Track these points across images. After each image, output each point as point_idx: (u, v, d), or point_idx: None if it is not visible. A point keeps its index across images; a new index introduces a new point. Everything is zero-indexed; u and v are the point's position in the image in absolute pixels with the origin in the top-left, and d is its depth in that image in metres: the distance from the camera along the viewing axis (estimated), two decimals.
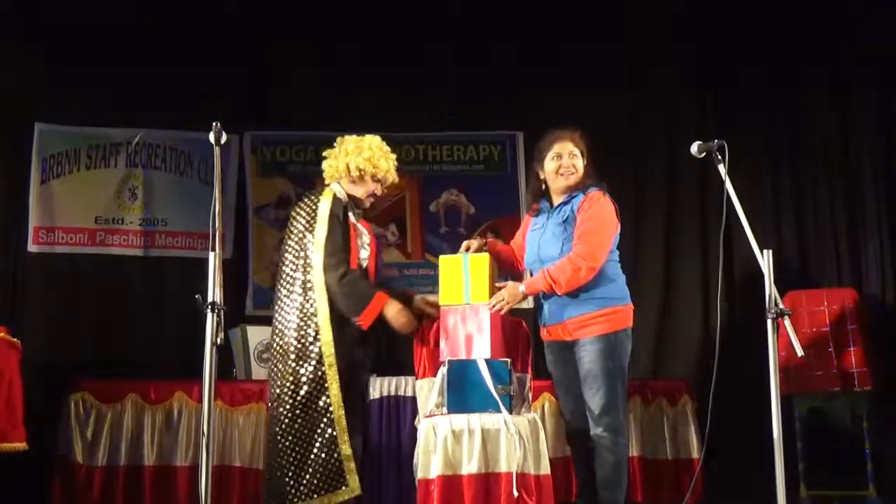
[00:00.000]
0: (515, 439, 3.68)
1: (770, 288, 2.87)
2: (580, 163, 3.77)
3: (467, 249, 3.91)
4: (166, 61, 5.64)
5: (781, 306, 2.85)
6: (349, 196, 3.81)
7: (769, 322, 2.85)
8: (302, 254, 3.65)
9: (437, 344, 3.94)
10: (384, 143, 3.86)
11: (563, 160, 3.75)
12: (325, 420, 3.51)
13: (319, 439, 3.50)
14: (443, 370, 3.89)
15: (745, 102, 5.91)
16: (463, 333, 3.86)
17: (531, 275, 3.83)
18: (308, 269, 3.61)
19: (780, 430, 2.82)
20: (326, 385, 3.52)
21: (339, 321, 3.59)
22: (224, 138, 3.10)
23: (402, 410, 4.94)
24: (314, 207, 3.70)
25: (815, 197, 5.83)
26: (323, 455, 3.49)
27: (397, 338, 5.48)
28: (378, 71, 5.84)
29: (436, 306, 3.86)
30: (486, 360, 3.81)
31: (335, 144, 3.86)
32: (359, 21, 5.82)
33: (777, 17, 5.77)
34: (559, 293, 3.62)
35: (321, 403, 3.51)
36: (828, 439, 5.20)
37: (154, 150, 5.82)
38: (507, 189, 6.02)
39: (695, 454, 4.96)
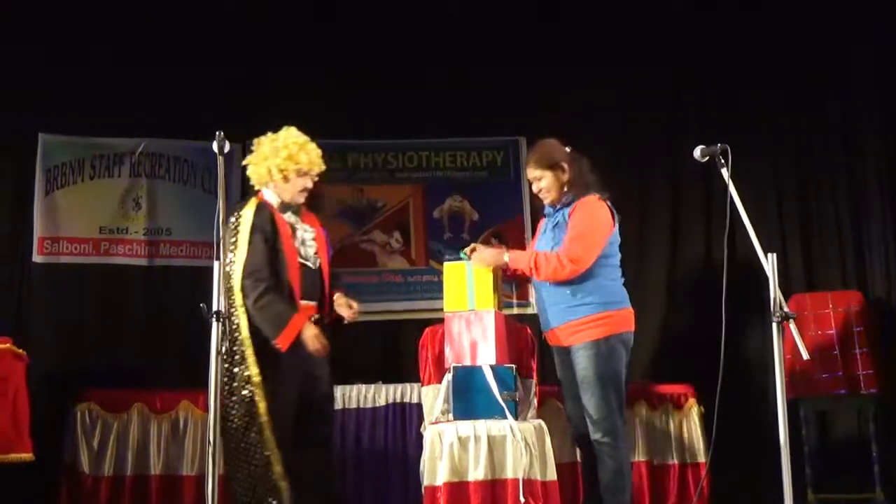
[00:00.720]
0: (521, 445, 3.68)
1: (775, 291, 2.86)
2: (548, 182, 3.78)
3: (473, 251, 3.91)
4: (168, 67, 5.63)
5: (786, 309, 2.83)
6: (281, 199, 3.68)
7: (774, 325, 2.83)
8: (227, 271, 3.51)
9: (442, 350, 3.94)
10: (300, 133, 3.72)
11: (533, 186, 3.85)
12: (259, 442, 3.44)
13: (256, 457, 3.45)
14: (448, 377, 3.89)
15: (747, 104, 5.91)
16: (468, 340, 3.86)
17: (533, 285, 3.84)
18: (230, 289, 3.49)
19: (787, 433, 2.81)
20: (256, 407, 3.44)
21: (262, 342, 3.48)
22: (227, 147, 3.10)
23: (408, 417, 4.93)
24: (237, 223, 3.57)
25: (819, 199, 5.83)
26: (261, 472, 3.45)
27: (402, 344, 5.55)
28: (380, 75, 5.84)
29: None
30: (492, 366, 3.81)
31: (252, 148, 3.74)
32: (360, 25, 5.81)
33: (778, 17, 5.76)
34: (535, 278, 3.69)
35: (254, 430, 3.45)
36: (834, 443, 5.18)
37: (157, 160, 5.81)
38: (510, 194, 6.00)
39: (701, 458, 4.94)
